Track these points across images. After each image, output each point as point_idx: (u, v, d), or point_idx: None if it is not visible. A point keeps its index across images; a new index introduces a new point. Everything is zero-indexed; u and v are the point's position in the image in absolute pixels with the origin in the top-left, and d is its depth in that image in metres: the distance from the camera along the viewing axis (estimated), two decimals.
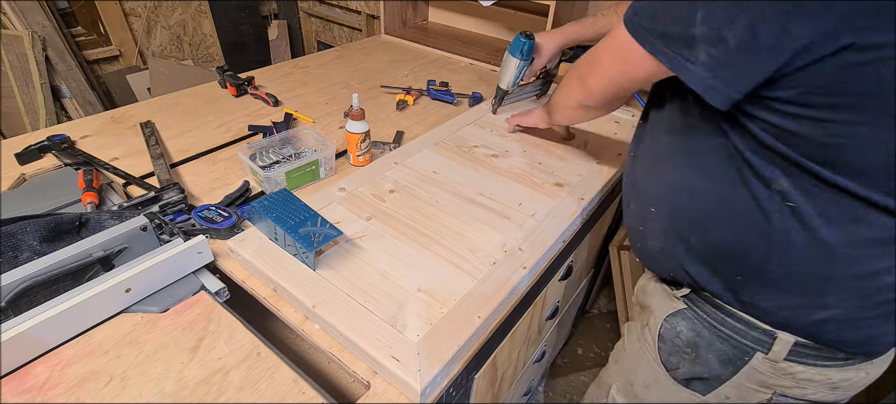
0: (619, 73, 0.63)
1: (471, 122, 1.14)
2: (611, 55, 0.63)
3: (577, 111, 0.79)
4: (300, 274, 0.68)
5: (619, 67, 0.62)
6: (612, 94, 0.68)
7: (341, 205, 0.84)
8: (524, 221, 0.83)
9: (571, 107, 0.79)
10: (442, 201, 0.86)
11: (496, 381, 0.90)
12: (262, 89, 1.29)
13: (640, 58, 0.56)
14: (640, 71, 0.58)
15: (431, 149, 1.02)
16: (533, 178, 0.94)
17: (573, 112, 0.80)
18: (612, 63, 0.63)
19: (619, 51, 0.60)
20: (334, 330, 0.62)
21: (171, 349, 0.58)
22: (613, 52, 0.62)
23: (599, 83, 0.68)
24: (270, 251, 0.72)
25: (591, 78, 0.69)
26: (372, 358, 0.58)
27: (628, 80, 0.63)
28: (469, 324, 0.63)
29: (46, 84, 2.01)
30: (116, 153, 0.98)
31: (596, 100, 0.71)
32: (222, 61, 2.72)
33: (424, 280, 0.69)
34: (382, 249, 0.75)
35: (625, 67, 0.61)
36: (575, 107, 0.78)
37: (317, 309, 0.63)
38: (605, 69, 0.65)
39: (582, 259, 1.16)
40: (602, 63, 0.65)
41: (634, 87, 0.65)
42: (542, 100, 1.26)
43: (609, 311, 1.87)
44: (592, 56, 0.68)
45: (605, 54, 0.64)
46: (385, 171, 0.94)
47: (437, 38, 1.76)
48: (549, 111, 0.94)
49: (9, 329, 0.53)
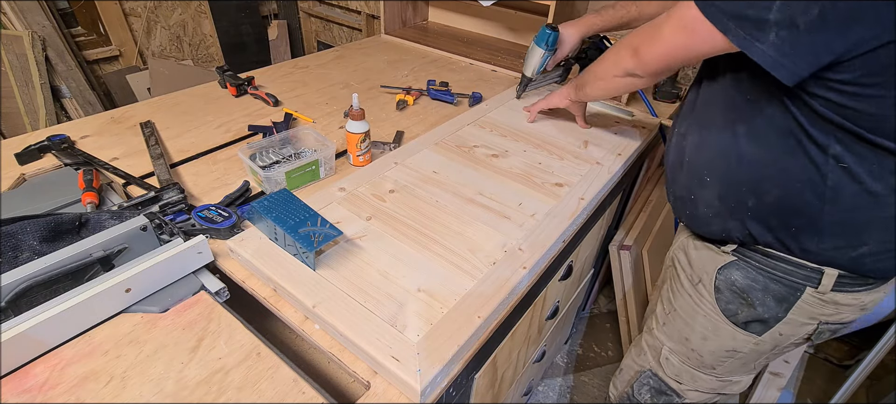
0: (680, 47, 0.68)
1: (471, 122, 1.14)
2: (674, 29, 0.68)
3: (622, 80, 0.84)
4: (300, 274, 0.68)
5: (683, 41, 0.67)
6: (665, 65, 0.74)
7: (341, 205, 0.84)
8: (524, 221, 0.83)
9: (617, 75, 0.84)
10: (442, 201, 0.86)
11: (496, 381, 0.90)
12: (262, 89, 1.29)
13: (707, 34, 0.61)
14: (703, 46, 0.64)
15: (431, 149, 1.02)
16: (533, 178, 0.94)
17: (617, 81, 0.85)
18: (675, 36, 0.68)
19: (686, 25, 0.65)
20: (334, 330, 0.62)
21: (171, 349, 0.58)
22: (676, 27, 0.67)
23: (656, 54, 0.73)
24: (270, 251, 0.72)
25: (648, 48, 0.74)
26: (372, 358, 0.58)
27: (687, 54, 0.69)
28: (469, 324, 0.63)
29: (46, 84, 2.01)
30: (116, 153, 0.98)
31: (648, 69, 0.77)
32: (222, 61, 2.72)
33: (424, 280, 0.69)
34: (382, 249, 0.75)
35: (689, 42, 0.66)
36: (621, 75, 0.83)
37: (317, 309, 0.63)
38: (666, 41, 0.70)
39: (582, 259, 1.16)
40: (663, 36, 0.70)
41: (690, 61, 0.71)
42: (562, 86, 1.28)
43: (609, 311, 1.87)
44: (650, 30, 0.74)
45: (668, 28, 0.69)
46: (385, 171, 0.94)
47: (437, 38, 1.76)
48: (579, 85, 1.01)
49: (9, 329, 0.53)
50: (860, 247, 0.66)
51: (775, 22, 0.54)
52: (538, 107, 1.14)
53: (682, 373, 0.95)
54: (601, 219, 1.15)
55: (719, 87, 0.73)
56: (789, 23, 0.53)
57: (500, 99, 1.29)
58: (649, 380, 1.02)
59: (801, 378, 1.65)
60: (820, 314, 0.74)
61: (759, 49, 0.56)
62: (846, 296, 0.72)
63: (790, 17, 0.53)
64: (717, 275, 0.81)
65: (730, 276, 0.79)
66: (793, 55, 0.54)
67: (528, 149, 1.04)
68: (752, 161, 0.69)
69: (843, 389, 1.35)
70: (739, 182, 0.72)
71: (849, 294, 0.71)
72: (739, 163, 0.71)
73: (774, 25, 0.54)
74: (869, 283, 0.71)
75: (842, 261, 0.68)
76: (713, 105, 0.75)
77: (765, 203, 0.70)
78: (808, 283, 0.72)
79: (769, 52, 0.56)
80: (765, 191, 0.69)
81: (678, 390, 0.97)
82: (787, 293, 0.74)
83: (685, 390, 0.96)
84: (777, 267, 0.74)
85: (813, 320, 0.75)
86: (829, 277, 0.70)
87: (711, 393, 0.95)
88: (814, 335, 0.77)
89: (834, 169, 0.62)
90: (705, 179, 0.77)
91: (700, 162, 0.77)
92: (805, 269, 0.71)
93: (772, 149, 0.66)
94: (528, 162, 1.00)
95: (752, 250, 0.76)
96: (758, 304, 0.77)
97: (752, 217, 0.72)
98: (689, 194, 0.81)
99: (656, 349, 0.99)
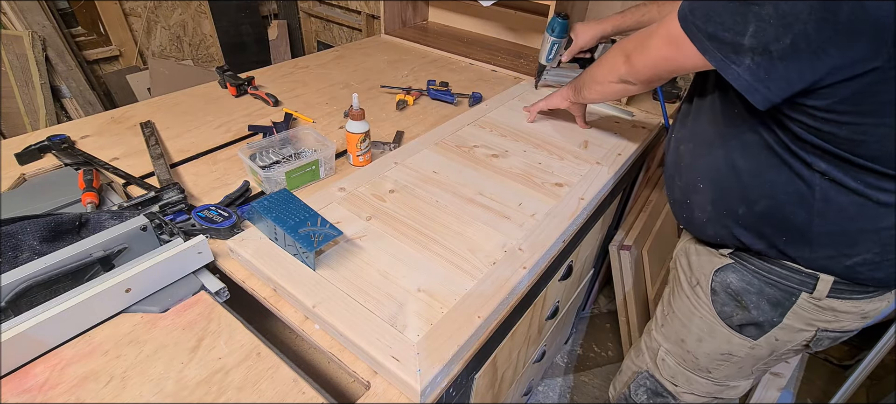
0: (665, 60, 0.69)
1: (470, 122, 1.14)
2: (661, 42, 0.68)
3: (616, 85, 0.84)
4: (300, 274, 0.68)
5: (667, 54, 0.68)
6: (654, 75, 0.75)
7: (341, 205, 0.84)
8: (524, 221, 0.83)
9: (611, 81, 0.84)
10: (442, 201, 0.86)
11: (496, 381, 0.90)
12: (262, 89, 1.29)
13: (688, 51, 0.62)
14: (685, 62, 0.65)
15: (431, 149, 1.02)
16: (533, 178, 0.94)
17: (612, 86, 0.85)
18: (661, 48, 0.69)
19: (669, 40, 0.66)
20: (334, 331, 0.62)
21: (171, 349, 0.58)
22: (664, 39, 0.68)
23: (645, 63, 0.74)
24: (270, 251, 0.72)
25: (638, 56, 0.75)
26: (372, 358, 0.58)
27: (672, 68, 0.70)
28: (469, 324, 0.63)
29: (46, 84, 2.02)
30: (116, 153, 0.98)
31: (638, 77, 0.78)
32: (222, 61, 2.72)
33: (424, 280, 0.69)
34: (382, 249, 0.75)
35: (672, 56, 0.67)
36: (615, 81, 0.83)
37: (317, 309, 0.63)
38: (653, 52, 0.71)
39: (582, 259, 1.16)
40: (651, 46, 0.71)
41: (678, 73, 0.72)
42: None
43: (609, 311, 1.87)
44: (642, 37, 0.74)
45: (656, 40, 0.70)
46: (385, 171, 0.94)
47: (437, 38, 1.76)
48: (578, 87, 0.99)
49: (9, 329, 0.53)
50: (854, 256, 0.65)
51: (750, 47, 0.54)
52: (538, 107, 1.13)
53: (677, 375, 0.95)
54: (601, 220, 1.15)
55: (710, 96, 0.73)
56: (763, 50, 0.53)
57: (501, 99, 1.28)
58: (646, 381, 1.02)
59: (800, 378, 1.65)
60: (818, 320, 0.73)
61: (735, 71, 0.57)
62: (845, 304, 0.70)
63: (764, 43, 0.53)
64: (713, 277, 0.81)
65: (726, 279, 0.79)
66: (766, 81, 0.55)
67: (528, 149, 1.04)
68: (740, 171, 0.69)
69: (843, 389, 1.35)
70: (730, 190, 0.72)
71: (847, 301, 0.70)
72: (729, 173, 0.71)
73: (750, 50, 0.55)
74: (869, 291, 0.69)
75: (836, 269, 0.68)
76: (705, 113, 0.75)
77: (755, 212, 0.70)
78: (804, 288, 0.71)
79: (744, 76, 0.56)
80: (754, 200, 0.69)
81: (673, 392, 0.97)
82: (782, 297, 0.74)
83: (680, 392, 0.96)
84: (773, 271, 0.73)
85: (810, 326, 0.74)
86: (824, 283, 0.69)
87: (707, 397, 0.95)
88: (812, 342, 0.76)
89: (821, 182, 0.62)
90: (699, 185, 0.77)
91: (693, 168, 0.78)
92: (800, 275, 0.71)
93: (759, 161, 0.67)
94: (529, 162, 1.00)
95: (748, 253, 0.76)
96: (752, 307, 0.77)
97: (743, 225, 0.73)
98: (685, 198, 0.82)
99: (653, 350, 0.99)
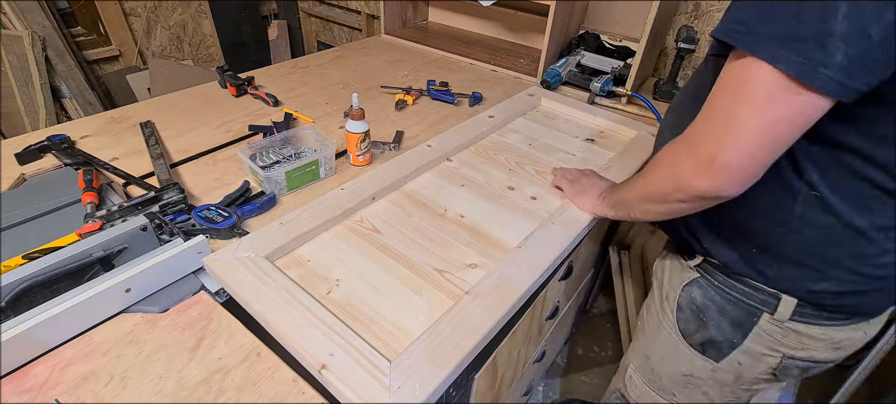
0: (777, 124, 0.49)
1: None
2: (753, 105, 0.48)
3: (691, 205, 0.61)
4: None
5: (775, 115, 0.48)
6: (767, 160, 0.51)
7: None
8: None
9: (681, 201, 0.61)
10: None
11: (496, 381, 0.90)
12: (262, 89, 1.28)
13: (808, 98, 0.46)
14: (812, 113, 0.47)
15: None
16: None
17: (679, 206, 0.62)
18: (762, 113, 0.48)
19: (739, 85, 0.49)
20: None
21: (171, 349, 0.58)
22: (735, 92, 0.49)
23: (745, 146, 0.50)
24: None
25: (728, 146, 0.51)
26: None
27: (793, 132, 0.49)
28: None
29: (46, 84, 2.01)
30: (116, 153, 0.98)
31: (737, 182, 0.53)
32: (222, 61, 2.72)
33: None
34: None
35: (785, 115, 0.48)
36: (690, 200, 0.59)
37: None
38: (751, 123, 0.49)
39: (582, 259, 1.16)
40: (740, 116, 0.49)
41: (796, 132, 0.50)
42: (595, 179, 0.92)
43: (609, 311, 1.87)
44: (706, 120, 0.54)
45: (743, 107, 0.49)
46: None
47: (437, 38, 1.76)
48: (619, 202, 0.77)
49: (9, 329, 0.53)
50: (821, 282, 0.61)
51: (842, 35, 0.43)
52: (565, 185, 0.90)
53: (643, 395, 0.92)
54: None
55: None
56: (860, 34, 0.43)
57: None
58: (618, 401, 1.00)
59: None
60: (782, 345, 0.69)
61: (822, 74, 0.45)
62: (812, 329, 0.66)
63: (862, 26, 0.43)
64: (681, 293, 0.78)
65: (691, 294, 0.76)
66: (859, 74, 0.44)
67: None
68: None
69: (843, 389, 1.35)
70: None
71: (814, 326, 0.66)
72: None
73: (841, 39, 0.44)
74: (837, 319, 0.65)
75: (799, 292, 0.64)
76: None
77: (729, 219, 0.65)
78: (765, 309, 0.67)
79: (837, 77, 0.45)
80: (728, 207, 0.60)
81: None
82: (742, 317, 0.70)
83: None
84: (736, 287, 0.70)
85: (775, 352, 0.70)
86: (785, 305, 0.65)
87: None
88: (778, 369, 0.72)
89: (806, 195, 0.58)
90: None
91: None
92: (762, 293, 0.67)
93: None
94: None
95: (713, 267, 0.73)
96: (712, 326, 0.74)
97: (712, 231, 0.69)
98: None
99: (624, 367, 0.96)
